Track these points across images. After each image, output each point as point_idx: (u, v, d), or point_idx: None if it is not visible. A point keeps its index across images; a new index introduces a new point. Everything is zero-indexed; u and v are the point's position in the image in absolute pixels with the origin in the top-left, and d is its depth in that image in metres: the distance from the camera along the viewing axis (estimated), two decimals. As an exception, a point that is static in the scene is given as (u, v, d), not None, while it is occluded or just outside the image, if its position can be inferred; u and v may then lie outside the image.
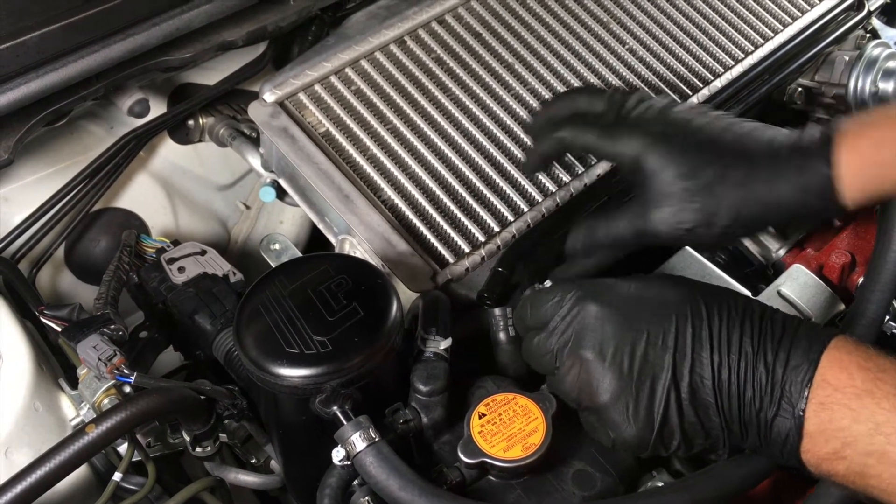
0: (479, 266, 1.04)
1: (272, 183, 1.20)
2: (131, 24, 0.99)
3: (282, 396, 0.83)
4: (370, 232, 1.02)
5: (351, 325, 0.82)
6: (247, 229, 1.56)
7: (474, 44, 1.22)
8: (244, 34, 1.12)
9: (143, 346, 1.13)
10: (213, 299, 1.08)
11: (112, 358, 0.92)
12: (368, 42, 1.17)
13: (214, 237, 1.51)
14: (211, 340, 1.06)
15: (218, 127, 1.37)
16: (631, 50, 1.27)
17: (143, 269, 1.16)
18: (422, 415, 0.85)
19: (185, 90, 1.38)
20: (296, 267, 0.89)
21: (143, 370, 1.12)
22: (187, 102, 1.31)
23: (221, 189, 1.50)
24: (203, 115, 1.39)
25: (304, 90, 1.13)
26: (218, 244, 1.51)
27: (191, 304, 1.08)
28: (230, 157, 1.41)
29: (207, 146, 1.43)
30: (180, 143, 1.41)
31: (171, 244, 1.21)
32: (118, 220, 1.37)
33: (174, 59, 1.08)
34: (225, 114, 1.40)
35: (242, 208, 1.54)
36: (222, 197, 1.51)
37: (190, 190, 1.46)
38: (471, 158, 1.12)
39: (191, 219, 1.46)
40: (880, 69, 1.27)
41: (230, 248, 1.55)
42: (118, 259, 1.15)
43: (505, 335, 0.96)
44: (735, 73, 1.26)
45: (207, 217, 1.49)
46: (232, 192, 1.52)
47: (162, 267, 1.14)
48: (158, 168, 1.40)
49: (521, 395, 0.85)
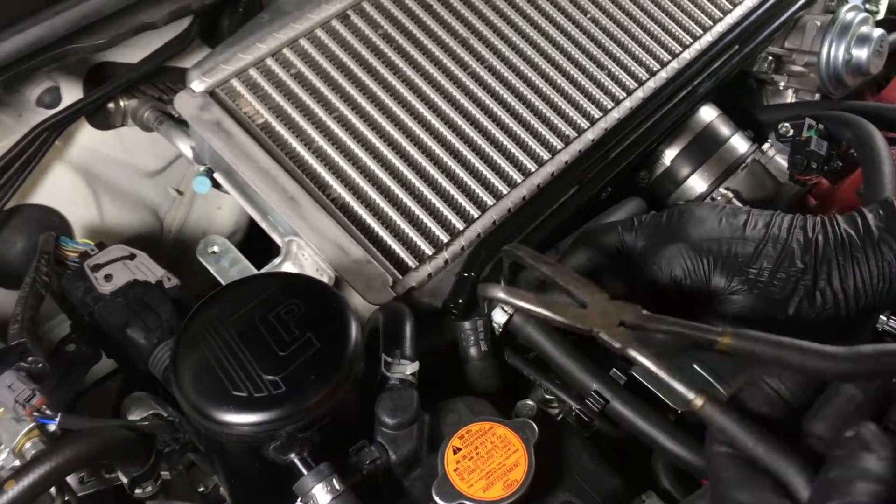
0: (442, 270, 0.95)
1: (206, 172, 1.08)
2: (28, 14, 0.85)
3: (230, 445, 0.73)
4: (320, 238, 0.92)
5: (306, 360, 0.72)
6: (181, 217, 1.44)
7: (425, 17, 1.11)
8: (165, 14, 0.99)
9: (72, 361, 1.03)
10: (146, 309, 0.98)
11: (31, 399, 0.81)
12: (308, 18, 1.05)
13: (146, 228, 1.38)
14: (146, 356, 0.95)
15: (142, 110, 1.24)
16: (593, 20, 1.17)
17: (65, 279, 1.04)
18: (389, 451, 0.77)
19: (104, 70, 1.23)
20: (239, 291, 0.79)
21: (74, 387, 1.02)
22: (106, 85, 1.17)
23: (150, 175, 1.37)
24: (125, 96, 1.25)
25: (238, 76, 1.01)
26: (150, 235, 1.39)
27: (121, 317, 0.97)
28: (158, 140, 1.28)
29: (132, 130, 1.30)
30: (101, 128, 1.27)
31: (96, 247, 1.09)
32: (35, 218, 1.23)
33: (86, 45, 0.95)
34: (149, 94, 1.27)
35: (175, 195, 1.42)
36: (152, 184, 1.39)
37: (114, 179, 1.33)
38: (427, 148, 1.02)
39: (118, 210, 1.33)
40: (854, 35, 1.21)
41: (164, 237, 1.43)
42: (35, 270, 1.02)
43: (476, 350, 0.88)
44: (704, 43, 1.18)
45: (136, 207, 1.37)
46: (162, 178, 1.39)
47: (86, 275, 1.02)
48: (77, 157, 1.26)
49: (499, 424, 0.77)
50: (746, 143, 1.18)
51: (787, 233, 0.84)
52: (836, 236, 0.83)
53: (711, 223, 0.86)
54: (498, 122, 1.05)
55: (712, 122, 1.18)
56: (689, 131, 1.16)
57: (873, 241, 0.81)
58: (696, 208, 0.88)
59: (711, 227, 0.86)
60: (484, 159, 1.03)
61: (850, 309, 0.82)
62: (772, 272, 0.82)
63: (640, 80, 1.13)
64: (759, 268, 0.82)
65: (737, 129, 1.19)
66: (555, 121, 1.07)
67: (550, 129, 1.06)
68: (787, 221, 0.85)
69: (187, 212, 1.43)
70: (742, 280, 0.82)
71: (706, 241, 0.85)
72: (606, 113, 1.09)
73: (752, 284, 0.82)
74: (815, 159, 1.09)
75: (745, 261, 0.83)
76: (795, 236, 0.83)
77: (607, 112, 1.09)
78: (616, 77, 1.13)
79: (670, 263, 0.85)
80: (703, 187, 1.16)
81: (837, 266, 0.81)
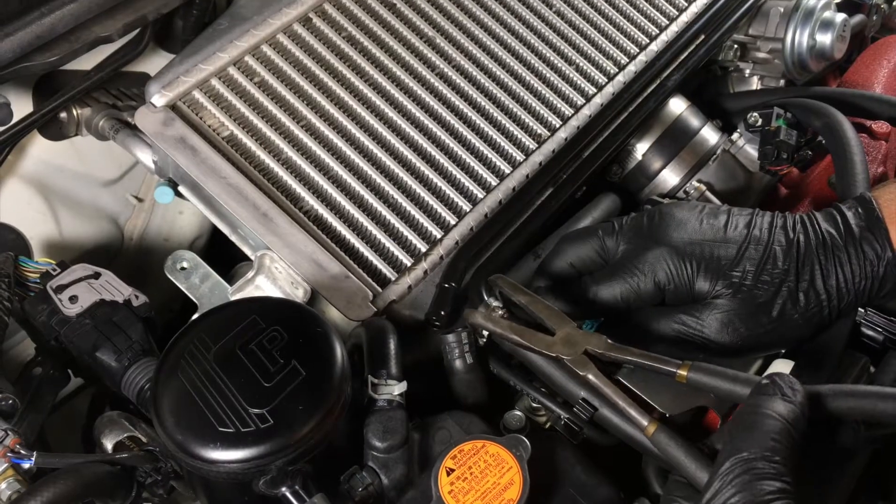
0: (422, 281, 0.93)
1: (168, 182, 1.04)
2: (-23, 38, 0.80)
3: (217, 482, 0.71)
4: (295, 255, 0.90)
5: (293, 390, 0.70)
6: (142, 224, 1.41)
7: (389, 17, 1.08)
8: (120, 27, 0.94)
9: (39, 385, 0.99)
10: (115, 330, 0.94)
11: (3, 439, 0.78)
12: (268, 24, 1.01)
13: (106, 238, 1.35)
14: (118, 379, 0.92)
15: (96, 118, 1.19)
16: (559, 13, 1.15)
17: (27, 302, 1.00)
18: (381, 475, 0.76)
19: (54, 79, 1.18)
20: (218, 320, 0.76)
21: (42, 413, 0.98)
22: (59, 96, 1.12)
23: (108, 184, 1.33)
24: (77, 105, 1.20)
25: (200, 87, 0.97)
26: (111, 245, 1.35)
27: (89, 340, 0.94)
28: (114, 147, 1.23)
29: (86, 139, 1.25)
30: (54, 139, 1.22)
31: (57, 266, 1.05)
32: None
33: (38, 64, 0.90)
34: (103, 102, 1.21)
35: (134, 202, 1.38)
36: (110, 192, 1.34)
37: (71, 190, 1.28)
38: (399, 154, 0.99)
39: (76, 222, 1.29)
40: (817, 20, 1.21)
41: (125, 246, 1.39)
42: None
43: (462, 363, 0.87)
44: (670, 34, 1.17)
45: (95, 217, 1.33)
46: (121, 186, 1.35)
47: (49, 297, 0.98)
48: (31, 170, 1.22)
49: (491, 442, 0.76)
50: (716, 133, 1.18)
51: (768, 234, 0.84)
52: (817, 236, 0.83)
53: (693, 225, 0.85)
54: (469, 123, 1.03)
55: (682, 114, 1.17)
56: (660, 124, 1.16)
57: (854, 239, 0.82)
58: (677, 210, 0.88)
59: (693, 230, 0.85)
60: (457, 163, 1.01)
61: (833, 308, 0.82)
62: (755, 274, 0.82)
63: (609, 75, 1.12)
64: (742, 270, 0.82)
65: (706, 120, 1.18)
66: (527, 120, 1.06)
67: (523, 130, 1.05)
68: (767, 222, 0.85)
69: (148, 218, 1.40)
70: (726, 283, 0.82)
71: (688, 244, 0.84)
72: (578, 110, 1.08)
73: (737, 288, 0.82)
74: (785, 149, 1.09)
75: (728, 264, 0.83)
76: (777, 237, 0.83)
77: (578, 109, 1.08)
78: (585, 73, 1.12)
79: (654, 268, 0.85)
80: (675, 180, 1.15)
81: (820, 266, 0.81)
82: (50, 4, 0.85)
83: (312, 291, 0.92)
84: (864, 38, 1.43)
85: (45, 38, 0.87)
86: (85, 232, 1.30)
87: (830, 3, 1.23)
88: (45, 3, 0.85)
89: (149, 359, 0.91)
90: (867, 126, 1.13)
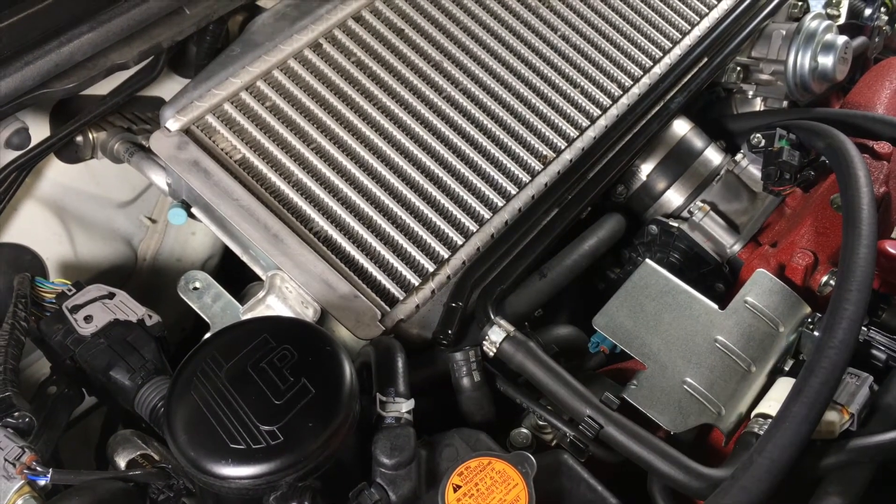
0: (429, 300, 0.95)
1: (181, 204, 1.07)
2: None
3: (228, 497, 0.72)
4: (306, 275, 0.92)
5: (303, 407, 0.72)
6: (155, 245, 1.43)
7: (396, 42, 1.10)
8: (136, 54, 0.97)
9: (54, 405, 1.00)
10: (129, 350, 0.96)
11: (21, 457, 0.80)
12: (279, 49, 1.04)
13: (120, 258, 1.37)
14: (132, 397, 0.94)
15: (112, 142, 1.22)
16: (564, 37, 1.18)
17: (43, 322, 1.01)
18: (389, 491, 0.77)
19: (70, 104, 1.21)
20: (230, 339, 0.77)
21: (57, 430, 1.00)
22: (75, 121, 1.15)
23: (122, 206, 1.36)
24: (93, 129, 1.23)
25: (213, 112, 1.00)
26: (125, 265, 1.37)
27: (104, 359, 0.95)
28: (128, 170, 1.26)
29: (101, 162, 1.28)
30: (70, 162, 1.25)
31: (73, 287, 1.07)
32: (7, 258, 1.21)
33: (57, 90, 0.93)
34: (118, 126, 1.24)
35: (148, 223, 1.40)
36: (124, 214, 1.37)
37: (86, 212, 1.31)
38: (408, 176, 1.01)
39: (91, 243, 1.31)
40: (819, 43, 1.23)
41: (139, 267, 1.41)
42: (13, 316, 1.00)
43: (469, 381, 0.88)
44: (674, 57, 1.19)
45: (109, 238, 1.35)
46: (135, 208, 1.38)
47: (65, 317, 1.00)
48: (47, 193, 1.24)
49: (497, 459, 0.77)
50: (720, 154, 1.20)
51: None
52: None
53: None
54: (476, 146, 1.05)
55: (686, 136, 1.19)
56: (664, 145, 1.17)
57: None
58: None
59: None
60: (464, 184, 1.03)
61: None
62: None
63: (613, 98, 1.14)
64: None
65: (710, 141, 1.20)
66: (532, 142, 1.08)
67: (528, 151, 1.07)
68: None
69: (161, 239, 1.42)
70: None
71: None
72: (583, 132, 1.10)
73: None
74: (787, 170, 1.10)
75: None
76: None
77: (583, 131, 1.10)
78: (590, 95, 1.14)
79: None
80: (679, 200, 1.17)
81: None
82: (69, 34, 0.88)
83: (322, 311, 0.93)
84: (867, 60, 1.45)
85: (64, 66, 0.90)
86: (100, 252, 1.32)
87: (832, 25, 1.25)
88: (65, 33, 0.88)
89: (161, 377, 0.93)
90: (869, 146, 1.14)
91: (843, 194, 0.98)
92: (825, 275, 1.02)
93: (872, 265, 0.88)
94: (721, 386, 0.90)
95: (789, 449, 0.76)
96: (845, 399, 0.86)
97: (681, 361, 0.92)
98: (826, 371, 0.80)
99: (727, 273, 1.11)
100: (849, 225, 0.92)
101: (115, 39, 0.94)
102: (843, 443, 0.83)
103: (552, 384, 0.87)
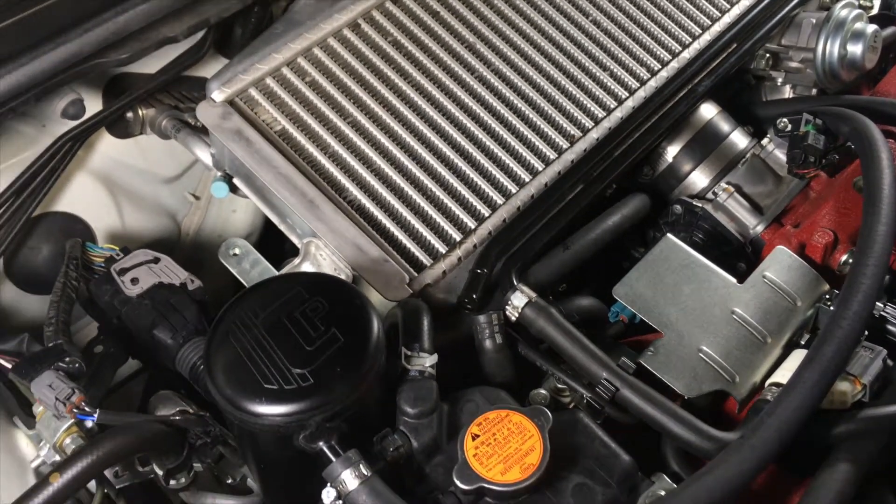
0: (455, 267, 0.99)
1: (224, 177, 1.12)
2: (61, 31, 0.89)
3: (261, 434, 0.77)
4: (339, 239, 0.96)
5: (332, 354, 0.77)
6: (197, 221, 1.49)
7: (432, 23, 1.15)
8: (185, 28, 1.03)
9: (100, 362, 1.06)
10: (172, 311, 1.02)
11: (70, 396, 0.86)
12: (320, 28, 1.09)
13: (164, 232, 1.43)
14: (173, 355, 0.99)
15: (160, 118, 1.28)
16: (595, 22, 1.21)
17: (92, 283, 1.08)
18: (411, 438, 0.81)
19: (122, 81, 1.27)
20: (266, 291, 0.83)
21: (102, 388, 1.06)
22: (126, 96, 1.21)
23: (168, 181, 1.42)
24: (143, 106, 1.29)
25: (255, 85, 1.05)
26: (168, 239, 1.43)
27: (148, 318, 1.01)
28: (175, 147, 1.32)
29: (149, 138, 1.34)
30: (120, 137, 1.31)
31: (121, 252, 1.13)
32: (59, 225, 1.27)
33: (111, 60, 0.99)
34: (166, 103, 1.31)
35: (192, 199, 1.46)
36: (169, 189, 1.43)
37: (134, 185, 1.37)
38: (438, 150, 1.06)
39: (137, 215, 1.37)
40: (848, 31, 1.24)
41: (181, 241, 1.47)
42: (65, 275, 1.06)
43: (491, 343, 0.92)
44: (703, 42, 1.22)
45: (155, 212, 1.41)
46: (179, 184, 1.44)
47: (113, 279, 1.06)
48: (98, 166, 1.31)
49: (514, 412, 0.81)
50: (746, 138, 1.22)
51: None
52: None
53: None
54: (505, 123, 1.09)
55: (713, 119, 1.21)
56: (691, 128, 1.20)
57: None
58: None
59: None
60: (493, 160, 1.07)
61: None
62: None
63: (641, 80, 1.17)
64: None
65: (737, 125, 1.22)
66: (560, 121, 1.11)
67: (556, 130, 1.10)
68: None
69: (204, 216, 1.47)
70: None
71: None
72: (610, 112, 1.13)
73: None
74: (812, 153, 1.12)
75: None
76: None
77: (611, 112, 1.13)
78: (618, 77, 1.17)
79: None
80: (704, 182, 1.19)
81: None
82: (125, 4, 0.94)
83: (354, 277, 0.98)
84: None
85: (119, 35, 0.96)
86: (145, 225, 1.38)
87: (862, 14, 1.26)
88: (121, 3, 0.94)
89: (201, 338, 0.98)
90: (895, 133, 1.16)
91: (865, 175, 1.00)
92: (844, 254, 1.03)
93: (890, 242, 0.90)
94: (736, 356, 0.93)
95: (798, 412, 0.78)
96: (858, 370, 0.88)
97: (698, 331, 0.94)
98: (839, 340, 0.82)
99: (749, 252, 1.14)
100: (869, 204, 0.94)
101: (166, 11, 0.99)
102: (855, 413, 0.85)
103: (571, 348, 0.90)
